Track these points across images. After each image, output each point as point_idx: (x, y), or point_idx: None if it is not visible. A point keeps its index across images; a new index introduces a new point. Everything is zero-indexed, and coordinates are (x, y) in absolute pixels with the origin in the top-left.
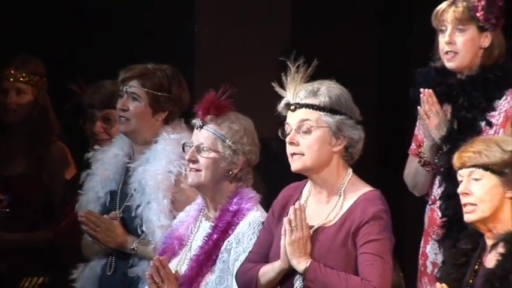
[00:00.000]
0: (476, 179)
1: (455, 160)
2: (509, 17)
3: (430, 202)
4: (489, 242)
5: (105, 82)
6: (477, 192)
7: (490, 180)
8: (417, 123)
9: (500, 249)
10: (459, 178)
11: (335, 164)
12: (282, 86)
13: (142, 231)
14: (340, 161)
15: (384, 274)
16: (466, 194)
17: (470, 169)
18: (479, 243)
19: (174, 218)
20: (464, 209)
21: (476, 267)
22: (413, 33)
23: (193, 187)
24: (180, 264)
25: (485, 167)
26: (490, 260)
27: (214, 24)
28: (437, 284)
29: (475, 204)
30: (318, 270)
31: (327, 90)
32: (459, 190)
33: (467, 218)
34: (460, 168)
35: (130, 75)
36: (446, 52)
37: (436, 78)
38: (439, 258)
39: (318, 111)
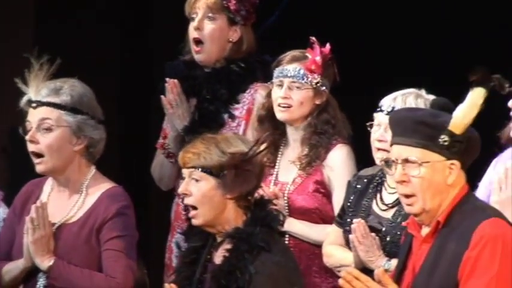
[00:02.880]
0: (196, 180)
1: (179, 159)
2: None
3: (176, 197)
4: (219, 239)
5: None
6: (195, 193)
7: (208, 182)
8: (166, 117)
9: (227, 245)
10: (183, 176)
11: (77, 162)
12: (26, 83)
13: None
14: (82, 160)
15: (128, 270)
16: (186, 194)
17: (190, 170)
18: (209, 240)
19: None
20: (190, 215)
21: (206, 263)
22: (155, 26)
23: None
24: None
25: (203, 169)
26: (218, 257)
27: None
28: (166, 284)
29: (195, 209)
30: (62, 268)
31: (70, 89)
32: (180, 191)
33: (194, 222)
34: (183, 167)
35: None
36: (196, 38)
37: (184, 71)
38: None
39: (59, 110)
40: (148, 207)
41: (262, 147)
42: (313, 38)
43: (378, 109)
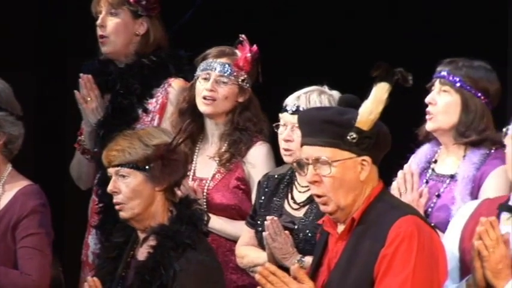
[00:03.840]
0: (123, 177)
1: (104, 159)
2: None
3: (93, 194)
4: (141, 235)
5: None
6: (124, 190)
7: (136, 177)
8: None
9: (152, 241)
10: (109, 175)
11: None
12: None
13: None
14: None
15: (43, 268)
16: (116, 192)
17: (117, 168)
18: (132, 236)
19: None
20: (117, 207)
21: (129, 259)
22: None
23: None
24: None
25: (130, 165)
26: (142, 253)
27: None
28: (89, 278)
29: (123, 204)
30: None
31: None
32: (109, 189)
33: (121, 215)
34: (108, 166)
35: None
36: (101, 36)
37: (100, 68)
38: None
39: None
40: (64, 205)
41: (185, 135)
42: (243, 36)
43: (283, 109)
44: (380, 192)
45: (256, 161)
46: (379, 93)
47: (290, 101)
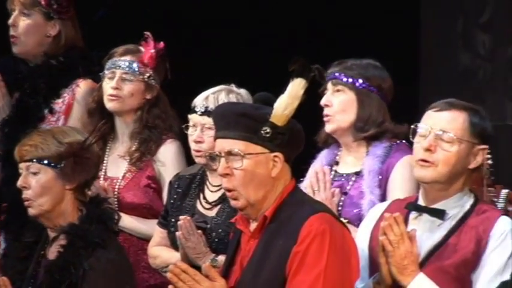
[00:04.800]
0: (34, 173)
1: (16, 154)
2: None
3: None
4: (51, 234)
5: None
6: (34, 186)
7: (46, 173)
8: None
9: (62, 241)
10: (20, 171)
11: None
12: None
13: None
14: None
15: None
16: (25, 187)
17: (28, 163)
18: (43, 235)
19: None
20: (26, 203)
21: (39, 259)
22: None
23: None
24: None
25: (42, 160)
26: (52, 252)
27: None
28: None
29: (32, 200)
30: None
31: None
32: (18, 184)
33: (30, 211)
34: (20, 161)
35: None
36: (12, 36)
37: (11, 66)
38: None
39: None
40: None
41: (99, 135)
42: (148, 33)
43: (191, 110)
44: (292, 190)
45: (166, 159)
46: (295, 89)
47: (198, 102)
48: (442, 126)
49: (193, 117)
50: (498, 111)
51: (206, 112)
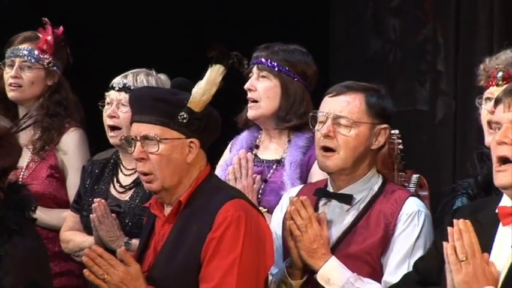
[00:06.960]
0: None
1: None
2: None
3: None
4: None
5: None
6: None
7: None
8: None
9: None
10: None
11: None
12: None
13: None
14: None
15: None
16: None
17: None
18: None
19: None
20: None
21: None
22: None
23: None
24: None
25: None
26: None
27: None
28: None
29: None
30: None
31: None
32: None
33: None
34: None
35: None
36: None
37: None
38: None
39: None
40: None
41: (28, 123)
42: (46, 19)
43: (109, 88)
44: (207, 176)
45: (69, 148)
46: (213, 75)
47: (117, 80)
48: (338, 110)
49: (110, 94)
50: (409, 96)
51: (124, 88)
